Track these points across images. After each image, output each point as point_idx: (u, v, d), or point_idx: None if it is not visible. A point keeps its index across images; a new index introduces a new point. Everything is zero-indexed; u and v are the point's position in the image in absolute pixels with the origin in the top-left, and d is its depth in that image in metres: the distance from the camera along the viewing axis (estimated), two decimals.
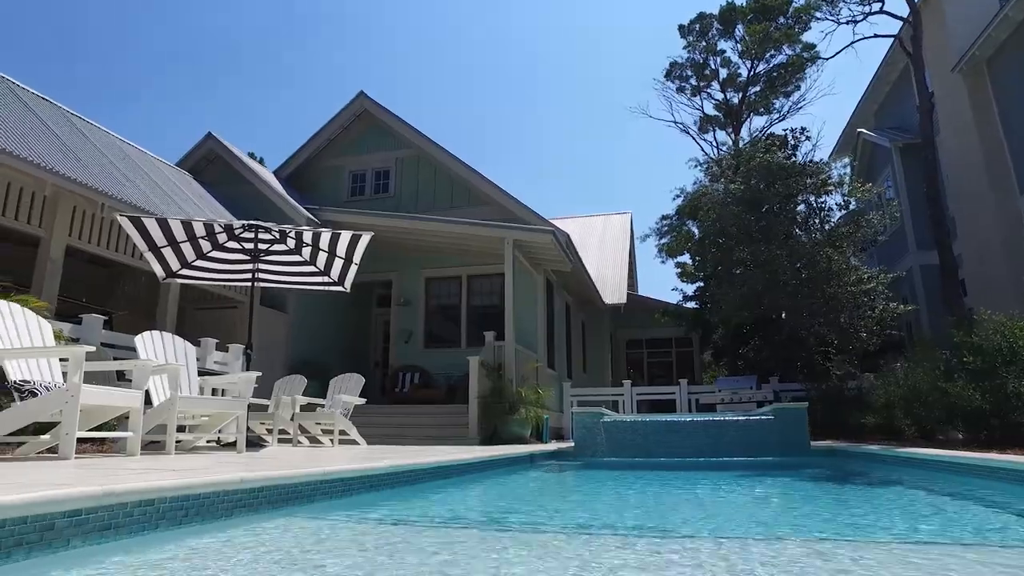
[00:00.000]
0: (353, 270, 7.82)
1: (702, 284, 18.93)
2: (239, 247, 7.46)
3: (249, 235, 7.29)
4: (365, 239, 7.41)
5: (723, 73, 26.51)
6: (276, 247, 7.63)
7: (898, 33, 14.12)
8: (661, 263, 27.61)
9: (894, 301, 11.83)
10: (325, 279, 7.97)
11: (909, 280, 14.87)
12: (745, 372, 14.75)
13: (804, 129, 13.29)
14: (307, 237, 7.48)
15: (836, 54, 17.05)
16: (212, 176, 13.65)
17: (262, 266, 7.62)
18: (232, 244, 7.43)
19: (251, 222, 7.17)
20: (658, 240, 26.46)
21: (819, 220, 12.33)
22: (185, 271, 7.46)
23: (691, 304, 19.64)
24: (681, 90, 27.19)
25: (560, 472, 6.98)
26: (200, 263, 7.47)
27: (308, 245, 7.60)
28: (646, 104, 44.63)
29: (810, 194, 12.23)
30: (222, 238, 7.32)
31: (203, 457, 4.85)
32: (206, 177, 13.56)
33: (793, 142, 13.23)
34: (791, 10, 24.28)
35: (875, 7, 14.34)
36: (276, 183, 13.94)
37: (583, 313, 18.54)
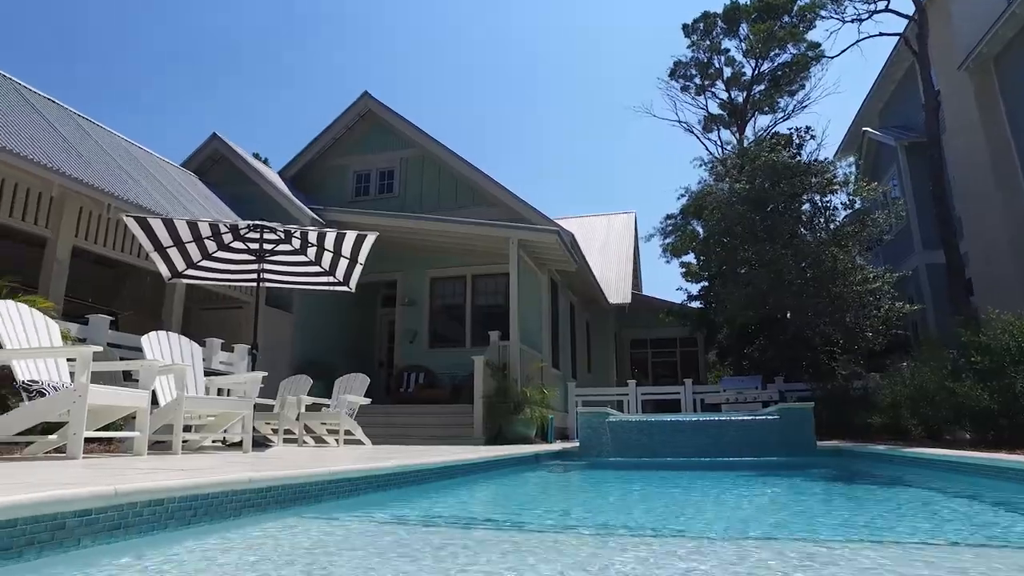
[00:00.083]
0: (358, 270, 7.82)
1: (707, 284, 18.88)
2: (244, 247, 7.47)
3: (254, 235, 7.30)
4: (370, 239, 7.41)
5: (727, 72, 26.49)
6: (281, 247, 7.64)
7: (904, 31, 14.05)
8: (666, 263, 27.67)
9: (900, 301, 11.78)
10: (330, 279, 7.98)
11: (915, 279, 14.82)
12: (750, 372, 14.70)
13: (809, 128, 13.28)
14: (312, 237, 7.48)
15: (841, 53, 16.89)
16: (217, 177, 13.69)
17: (267, 266, 7.63)
18: (237, 244, 7.45)
19: (256, 222, 7.17)
20: (662, 240, 26.43)
21: (824, 219, 12.29)
22: (191, 271, 7.47)
23: (696, 304, 19.58)
24: (685, 89, 27.18)
25: (566, 472, 6.97)
26: (206, 263, 7.48)
27: (313, 245, 7.60)
28: (648, 103, 44.51)
29: (815, 193, 12.19)
30: (227, 238, 7.34)
31: (209, 457, 4.86)
32: (211, 178, 13.60)
33: (798, 141, 13.21)
34: (795, 9, 24.24)
35: (880, 5, 14.28)
36: (281, 183, 13.97)
37: (587, 313, 18.53)
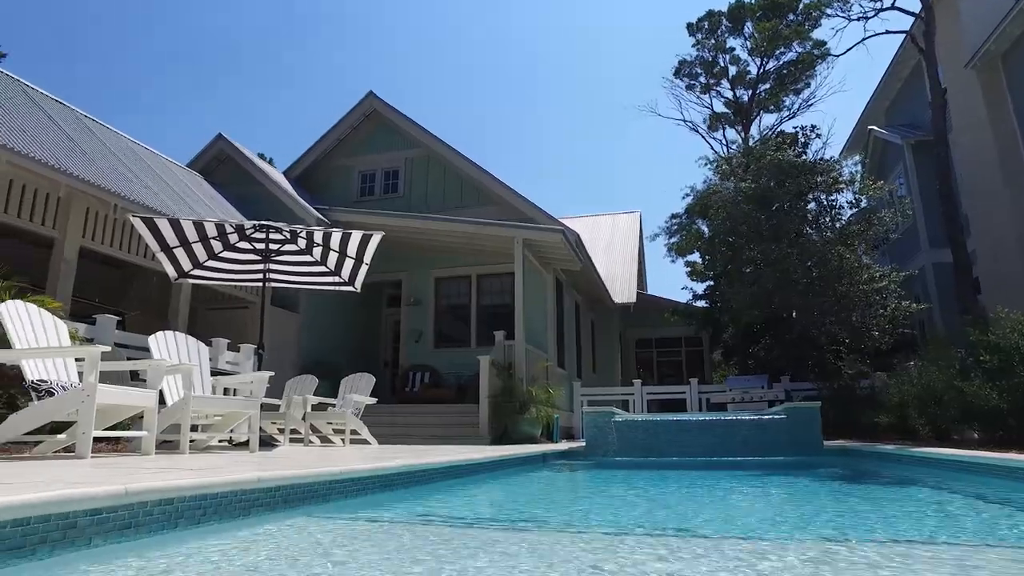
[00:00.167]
0: (364, 270, 7.83)
1: (712, 283, 18.84)
2: (250, 247, 7.49)
3: (260, 235, 7.32)
4: (376, 239, 7.42)
5: (732, 71, 26.40)
6: (287, 247, 7.66)
7: (910, 29, 13.98)
8: (671, 262, 27.46)
9: (906, 299, 11.71)
10: (336, 279, 7.99)
11: (921, 278, 14.74)
12: (756, 371, 14.68)
13: (815, 126, 13.23)
14: (318, 237, 7.49)
15: (847, 51, 16.85)
16: (222, 177, 13.73)
17: (273, 266, 7.65)
18: (243, 244, 7.47)
19: (262, 222, 7.19)
20: (667, 239, 26.35)
21: (830, 218, 12.23)
22: (197, 271, 7.50)
23: (701, 303, 19.54)
24: (690, 88, 27.12)
25: (572, 471, 6.97)
26: (212, 263, 7.51)
27: (319, 245, 7.61)
28: (653, 103, 44.39)
29: (821, 192, 12.13)
30: (233, 238, 7.36)
31: (217, 456, 4.87)
32: (216, 178, 13.63)
33: (803, 140, 13.15)
34: (801, 7, 24.15)
35: (887, 3, 14.18)
36: (286, 184, 14.00)
37: (593, 312, 18.50)
